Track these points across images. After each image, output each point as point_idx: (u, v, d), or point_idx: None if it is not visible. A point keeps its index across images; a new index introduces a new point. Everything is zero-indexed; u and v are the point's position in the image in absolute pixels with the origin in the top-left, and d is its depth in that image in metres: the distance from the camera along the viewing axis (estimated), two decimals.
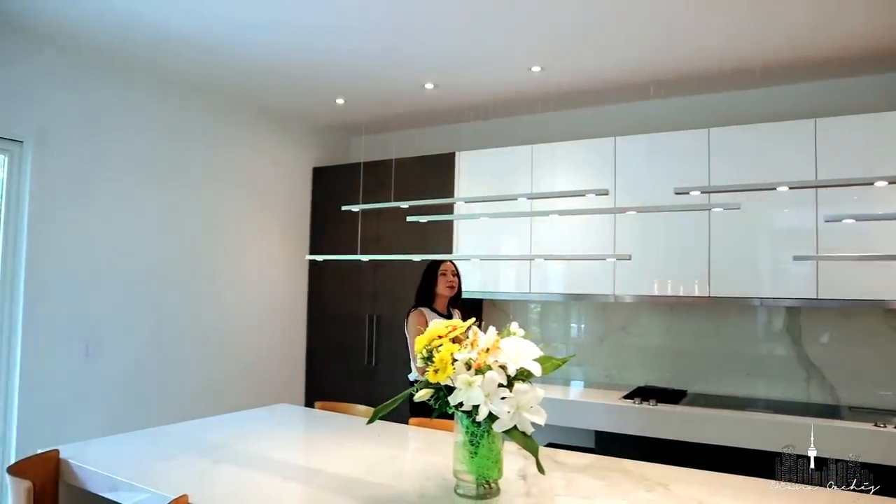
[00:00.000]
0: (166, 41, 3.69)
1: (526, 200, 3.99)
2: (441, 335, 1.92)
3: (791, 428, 3.45)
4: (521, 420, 1.78)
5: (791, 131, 3.77)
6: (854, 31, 3.36)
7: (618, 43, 3.61)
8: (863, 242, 3.53)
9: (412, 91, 4.51)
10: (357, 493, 1.99)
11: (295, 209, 5.40)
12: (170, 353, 4.31)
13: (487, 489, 1.93)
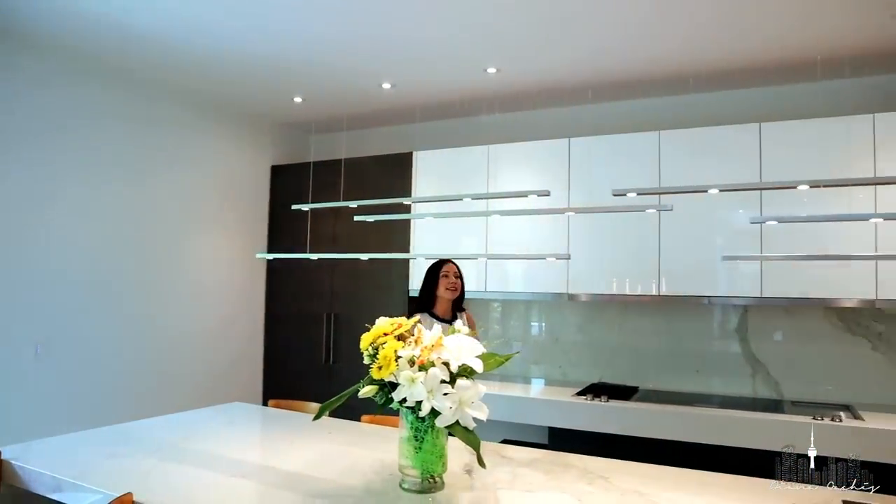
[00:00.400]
0: (124, 38, 3.65)
1: (483, 200, 4.04)
2: (386, 332, 1.94)
3: (736, 422, 3.57)
4: (463, 415, 1.82)
5: (737, 135, 3.88)
6: (798, 40, 3.47)
7: (571, 46, 3.68)
8: (813, 243, 3.64)
9: (370, 90, 4.52)
10: (303, 488, 2.01)
11: (253, 207, 5.38)
12: (122, 353, 4.27)
13: (432, 483, 1.96)
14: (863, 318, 3.97)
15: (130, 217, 4.34)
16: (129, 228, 4.33)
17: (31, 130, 3.74)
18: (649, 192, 2.45)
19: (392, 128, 5.44)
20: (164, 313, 4.58)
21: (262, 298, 5.46)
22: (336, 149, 5.45)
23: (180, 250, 4.71)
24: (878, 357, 3.94)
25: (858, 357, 3.97)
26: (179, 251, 4.71)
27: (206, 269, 4.92)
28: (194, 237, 4.83)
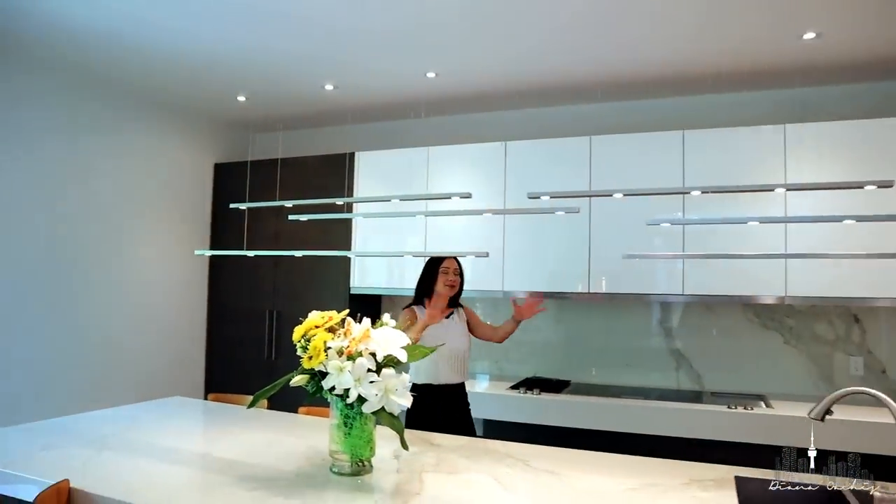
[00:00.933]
0: (59, 30, 3.64)
1: (423, 200, 4.18)
2: (317, 325, 2.06)
3: (659, 412, 3.80)
4: (388, 402, 1.95)
5: (663, 141, 4.11)
6: (723, 51, 3.71)
7: (508, 52, 3.84)
8: (732, 244, 3.88)
9: (313, 91, 4.61)
10: (238, 474, 2.11)
11: (196, 205, 5.39)
12: (61, 350, 4.25)
13: (360, 467, 2.09)
14: (776, 313, 4.25)
15: (70, 214, 4.32)
16: (69, 225, 4.32)
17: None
18: (560, 195, 2.61)
19: (335, 128, 5.52)
20: (105, 310, 4.57)
21: (205, 295, 5.48)
22: (282, 147, 5.51)
23: (122, 247, 4.71)
24: (790, 349, 4.22)
25: (772, 350, 4.24)
26: (121, 248, 4.70)
27: (148, 265, 4.92)
28: (136, 234, 4.83)
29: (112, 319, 4.63)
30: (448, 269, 3.44)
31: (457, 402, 3.43)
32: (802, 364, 4.20)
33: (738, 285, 3.96)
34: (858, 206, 3.50)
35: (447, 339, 3.21)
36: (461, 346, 3.43)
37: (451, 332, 3.38)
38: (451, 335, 3.36)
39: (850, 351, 4.13)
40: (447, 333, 3.31)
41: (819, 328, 4.19)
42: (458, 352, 3.40)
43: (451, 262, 3.47)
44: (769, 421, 3.59)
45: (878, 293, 3.71)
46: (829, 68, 3.91)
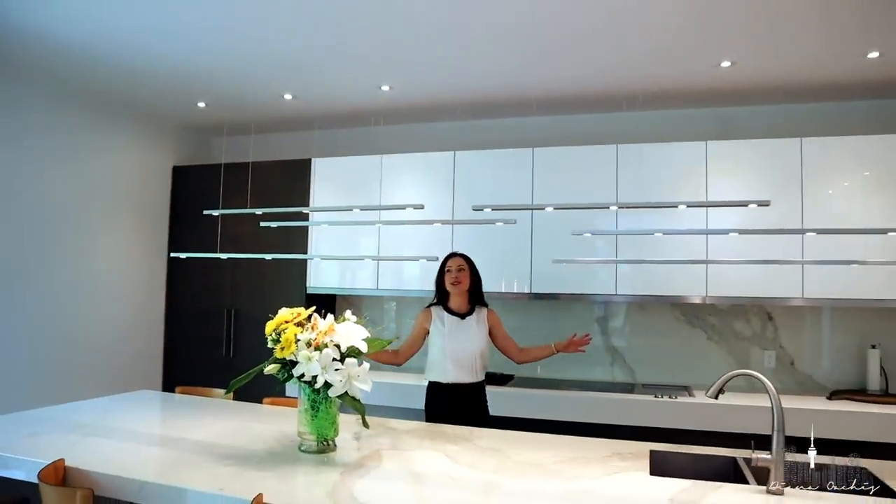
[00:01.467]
0: (20, 35, 3.73)
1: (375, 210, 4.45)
2: (287, 320, 2.33)
3: (594, 402, 4.18)
4: (351, 387, 2.24)
5: (598, 154, 4.49)
6: (652, 74, 4.10)
7: (456, 69, 4.15)
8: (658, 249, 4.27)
9: (272, 100, 4.83)
10: (215, 454, 2.35)
11: (154, 207, 5.54)
12: (20, 348, 4.36)
13: (326, 446, 2.37)
14: (700, 312, 4.67)
15: (30, 215, 4.43)
16: (29, 226, 4.43)
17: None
18: (501, 207, 2.93)
19: (294, 133, 5.75)
20: (64, 309, 4.69)
21: (163, 295, 5.63)
22: (240, 151, 5.70)
23: (80, 247, 4.83)
24: (712, 345, 4.65)
25: (697, 345, 4.67)
26: (79, 248, 4.82)
27: (105, 265, 5.06)
28: (94, 235, 4.96)
29: (71, 318, 4.75)
30: (451, 268, 3.45)
31: (469, 401, 3.41)
32: (723, 357, 4.63)
33: (666, 287, 4.37)
34: (767, 217, 3.91)
35: (457, 337, 3.35)
36: (471, 347, 3.40)
37: (463, 332, 3.40)
38: (463, 336, 3.39)
39: (765, 345, 4.58)
40: (458, 333, 3.38)
41: (738, 325, 4.63)
42: (466, 353, 3.38)
43: (456, 260, 3.46)
44: (691, 408, 4.00)
45: (789, 293, 4.15)
46: (744, 92, 4.36)
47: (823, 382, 4.45)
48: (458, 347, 3.37)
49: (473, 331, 3.43)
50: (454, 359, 3.37)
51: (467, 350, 3.39)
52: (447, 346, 3.35)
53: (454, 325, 3.42)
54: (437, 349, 3.41)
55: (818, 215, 4.09)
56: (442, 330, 3.40)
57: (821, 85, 4.20)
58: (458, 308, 3.48)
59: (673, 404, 4.05)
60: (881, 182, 4.06)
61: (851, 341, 4.44)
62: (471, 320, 3.46)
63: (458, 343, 3.38)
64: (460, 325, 3.42)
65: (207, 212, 4.10)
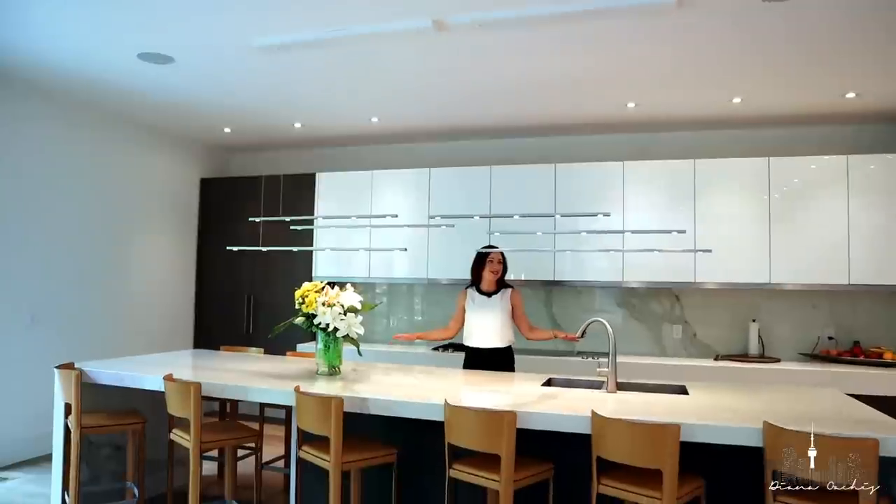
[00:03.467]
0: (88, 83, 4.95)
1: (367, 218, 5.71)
2: (309, 290, 3.57)
3: (540, 363, 5.40)
4: (351, 330, 3.49)
5: (540, 172, 5.75)
6: (581, 105, 5.38)
7: (431, 104, 5.40)
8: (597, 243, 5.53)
9: (284, 127, 6.10)
10: (263, 374, 3.60)
11: (186, 211, 6.81)
12: (92, 319, 5.61)
13: (334, 371, 3.62)
14: (625, 295, 5.94)
15: (93, 219, 5.69)
16: (93, 227, 5.69)
17: (27, 159, 5.07)
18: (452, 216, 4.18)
19: (302, 150, 7.03)
20: (121, 291, 5.96)
21: (193, 283, 6.90)
22: (255, 166, 6.97)
23: (130, 244, 6.10)
24: (635, 322, 5.92)
25: (625, 322, 5.93)
26: (129, 244, 6.10)
27: (149, 257, 6.32)
28: (140, 233, 6.23)
29: (126, 299, 6.02)
30: (493, 260, 4.25)
31: (495, 362, 4.24)
32: (643, 332, 5.90)
33: (595, 274, 5.64)
34: (668, 219, 5.18)
35: (484, 311, 4.25)
36: (493, 319, 4.25)
37: (488, 307, 4.27)
38: (487, 310, 4.27)
39: (673, 321, 5.86)
40: (485, 308, 4.27)
41: (653, 305, 5.90)
42: (489, 322, 4.25)
43: (496, 255, 4.27)
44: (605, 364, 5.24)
45: (692, 279, 5.42)
46: (649, 122, 5.65)
47: (717, 349, 5.72)
48: (484, 319, 4.27)
49: (497, 307, 4.28)
50: (480, 328, 4.28)
51: (490, 321, 4.26)
52: (475, 319, 4.36)
53: (482, 302, 4.31)
54: (469, 321, 4.39)
55: (707, 220, 5.37)
56: (472, 306, 4.32)
57: (702, 120, 5.53)
58: (487, 289, 4.33)
59: (594, 363, 5.30)
60: (749, 192, 5.34)
61: (738, 317, 5.71)
62: (496, 298, 4.31)
63: (484, 316, 4.27)
64: (487, 302, 4.30)
65: (252, 218, 5.19)
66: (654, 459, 2.45)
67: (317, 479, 3.22)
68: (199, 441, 3.11)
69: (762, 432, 2.47)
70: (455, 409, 2.76)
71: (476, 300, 4.35)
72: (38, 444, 5.00)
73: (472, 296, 4.36)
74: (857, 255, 5.13)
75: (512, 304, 4.34)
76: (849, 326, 5.49)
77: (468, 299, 4.39)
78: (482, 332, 4.27)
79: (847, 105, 4.99)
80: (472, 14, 3.56)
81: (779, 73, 4.40)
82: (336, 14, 3.60)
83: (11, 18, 3.75)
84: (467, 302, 4.39)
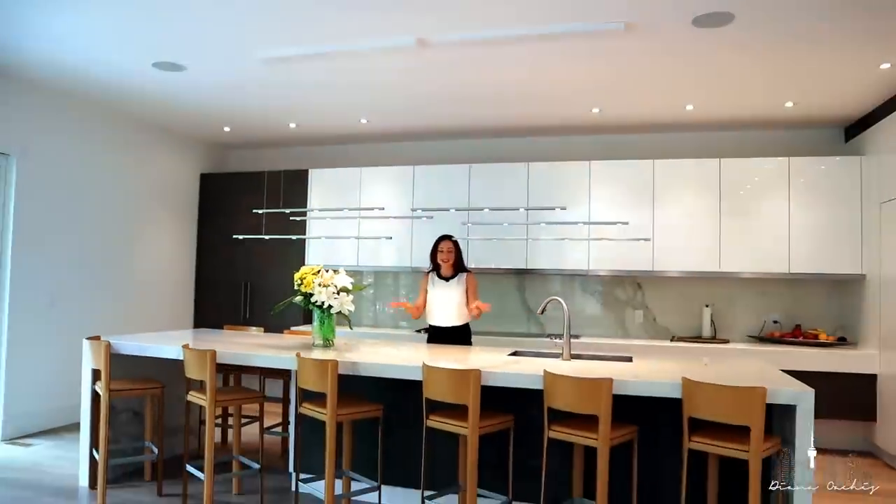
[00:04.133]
0: (103, 88, 5.51)
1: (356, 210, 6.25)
2: (307, 272, 4.11)
3: (514, 343, 5.97)
4: (343, 308, 4.03)
5: (514, 169, 6.32)
6: (547, 114, 5.94)
7: (412, 107, 5.95)
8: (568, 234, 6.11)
9: (280, 126, 6.61)
10: (266, 345, 4.12)
11: (186, 203, 7.32)
12: (103, 302, 6.11)
13: (328, 343, 4.16)
14: (588, 281, 6.52)
15: (103, 210, 6.19)
16: (106, 218, 6.19)
17: (44, 157, 5.57)
18: (430, 209, 4.73)
19: (297, 148, 7.55)
20: (128, 276, 6.47)
21: (193, 270, 7.41)
22: (253, 162, 7.48)
23: (135, 233, 6.61)
24: (601, 307, 6.50)
25: (587, 303, 6.52)
26: (134, 234, 6.60)
27: (153, 246, 6.82)
28: (144, 224, 6.73)
29: (133, 284, 6.53)
30: (443, 250, 4.82)
31: (454, 337, 4.80)
32: (607, 316, 6.49)
33: (562, 262, 6.21)
34: (629, 214, 5.77)
35: (443, 294, 4.79)
36: (451, 301, 4.78)
37: (446, 290, 4.81)
38: (446, 292, 4.80)
39: (636, 306, 6.45)
40: (444, 290, 4.80)
41: (616, 292, 6.49)
42: (447, 304, 4.79)
43: (445, 244, 4.82)
44: (578, 347, 5.80)
45: (652, 268, 6.01)
46: (612, 126, 6.23)
47: (675, 332, 6.32)
48: (443, 301, 4.82)
49: (453, 289, 4.82)
50: (440, 308, 4.84)
51: (447, 301, 4.82)
52: (435, 300, 4.91)
53: (441, 285, 4.86)
54: (431, 302, 4.96)
55: (665, 216, 5.96)
56: (433, 289, 4.86)
57: (660, 124, 6.12)
58: (445, 274, 4.87)
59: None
60: (702, 190, 5.93)
61: (693, 303, 6.31)
62: (453, 282, 4.85)
63: (443, 298, 4.82)
64: (445, 285, 4.85)
65: (255, 210, 5.73)
66: (592, 407, 3.02)
67: (313, 434, 3.78)
68: (214, 399, 3.65)
69: (681, 386, 3.04)
70: (431, 369, 3.32)
71: (436, 283, 4.89)
72: (56, 415, 5.54)
73: (433, 280, 4.88)
74: (797, 246, 5.74)
75: (467, 286, 4.86)
76: (792, 311, 6.12)
77: (430, 283, 4.93)
78: (442, 312, 4.83)
79: (787, 112, 5.59)
80: (451, 35, 4.10)
81: (723, 85, 4.99)
82: (333, 32, 4.14)
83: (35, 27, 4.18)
84: (429, 285, 4.92)
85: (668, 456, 3.41)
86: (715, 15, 3.66)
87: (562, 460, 3.47)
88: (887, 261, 5.10)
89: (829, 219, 5.68)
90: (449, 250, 4.82)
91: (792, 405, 2.96)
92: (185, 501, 3.87)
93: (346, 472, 3.84)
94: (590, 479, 3.20)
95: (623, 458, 3.27)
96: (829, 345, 5.60)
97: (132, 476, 4.42)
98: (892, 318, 5.01)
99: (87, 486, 4.17)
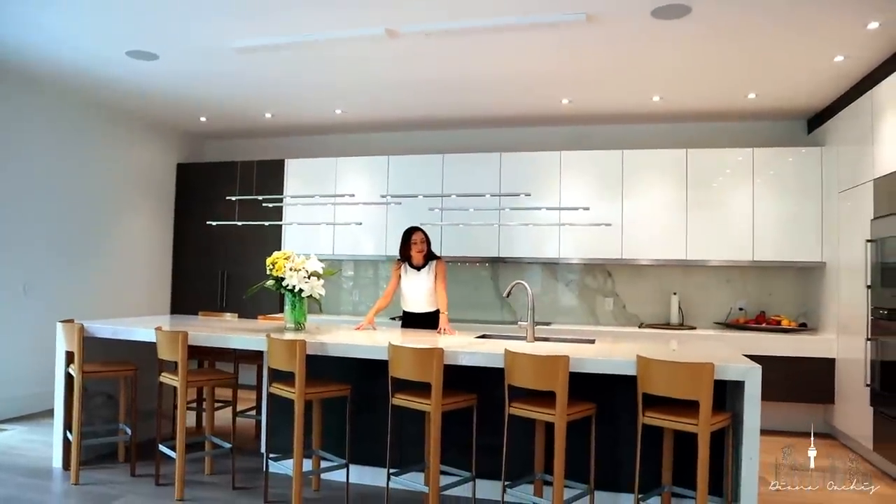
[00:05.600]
0: (69, 70, 5.54)
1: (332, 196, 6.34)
2: (278, 257, 4.19)
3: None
4: (313, 292, 4.12)
5: (487, 159, 6.43)
6: (522, 104, 6.05)
7: (387, 99, 6.03)
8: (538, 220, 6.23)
9: (256, 116, 6.67)
10: (240, 329, 4.20)
11: (163, 193, 7.36)
12: (78, 290, 6.15)
13: (299, 327, 4.25)
14: (559, 270, 6.66)
15: (77, 199, 6.22)
16: (80, 206, 6.22)
17: (18, 144, 5.60)
18: (401, 196, 4.82)
19: (273, 139, 7.62)
20: (106, 265, 6.50)
21: (170, 259, 7.46)
22: (230, 152, 7.53)
23: (111, 223, 6.65)
24: (572, 295, 6.64)
25: (559, 292, 6.65)
26: (111, 223, 6.64)
27: (129, 235, 6.87)
28: (121, 213, 6.77)
29: (109, 272, 6.57)
30: (417, 241, 4.92)
31: (426, 322, 4.95)
32: (578, 303, 6.63)
33: (534, 250, 6.34)
34: (597, 203, 5.90)
35: (415, 282, 4.93)
36: (422, 288, 4.93)
37: (416, 279, 4.95)
38: (417, 281, 4.94)
39: (606, 294, 6.59)
40: (415, 279, 4.94)
41: (587, 280, 6.63)
42: (419, 291, 4.95)
43: (418, 235, 4.93)
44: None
45: (621, 256, 6.15)
46: (582, 117, 6.35)
47: (644, 319, 6.47)
48: (415, 288, 4.98)
49: (423, 277, 4.96)
50: (410, 295, 5.01)
51: (418, 289, 4.98)
52: (408, 288, 5.05)
53: (413, 274, 4.99)
54: (403, 289, 5.09)
55: (633, 205, 6.10)
56: (405, 277, 5.00)
57: (628, 115, 6.27)
58: (416, 263, 4.98)
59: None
60: (670, 179, 6.08)
61: (661, 290, 6.46)
62: (424, 270, 4.98)
63: (415, 286, 4.97)
64: (417, 274, 4.98)
65: (229, 197, 5.81)
66: (550, 384, 3.14)
67: (284, 415, 3.88)
68: (186, 380, 3.73)
69: (635, 363, 3.16)
70: (397, 349, 3.42)
71: (408, 272, 5.02)
72: (31, 401, 5.59)
73: (405, 268, 5.02)
74: (762, 235, 5.91)
75: (437, 273, 4.99)
76: (756, 299, 6.29)
77: (402, 270, 5.05)
78: (414, 299, 5.00)
79: (750, 104, 5.75)
80: (419, 25, 4.20)
81: (686, 76, 5.12)
82: (305, 22, 4.22)
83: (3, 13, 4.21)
84: (402, 273, 5.04)
85: (625, 432, 3.54)
86: (673, 7, 3.78)
87: (524, 438, 3.60)
88: (845, 249, 5.27)
89: (793, 208, 5.85)
90: (422, 241, 4.94)
91: (741, 381, 3.10)
92: (157, 481, 3.95)
93: (316, 451, 3.94)
94: (550, 456, 3.32)
95: (582, 435, 3.39)
96: (791, 330, 5.78)
97: (106, 458, 4.48)
98: (849, 304, 5.18)
99: (60, 467, 4.23)
